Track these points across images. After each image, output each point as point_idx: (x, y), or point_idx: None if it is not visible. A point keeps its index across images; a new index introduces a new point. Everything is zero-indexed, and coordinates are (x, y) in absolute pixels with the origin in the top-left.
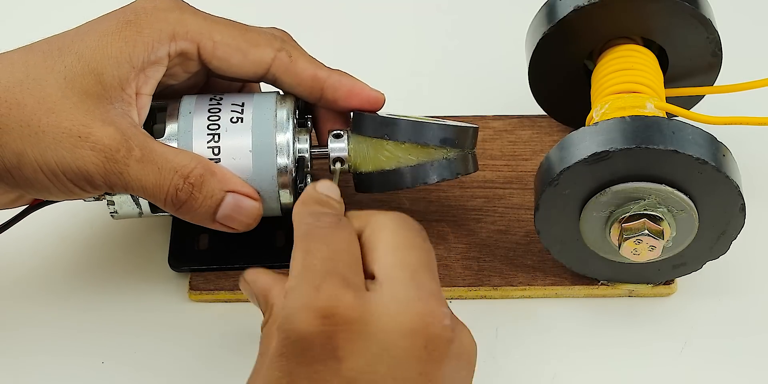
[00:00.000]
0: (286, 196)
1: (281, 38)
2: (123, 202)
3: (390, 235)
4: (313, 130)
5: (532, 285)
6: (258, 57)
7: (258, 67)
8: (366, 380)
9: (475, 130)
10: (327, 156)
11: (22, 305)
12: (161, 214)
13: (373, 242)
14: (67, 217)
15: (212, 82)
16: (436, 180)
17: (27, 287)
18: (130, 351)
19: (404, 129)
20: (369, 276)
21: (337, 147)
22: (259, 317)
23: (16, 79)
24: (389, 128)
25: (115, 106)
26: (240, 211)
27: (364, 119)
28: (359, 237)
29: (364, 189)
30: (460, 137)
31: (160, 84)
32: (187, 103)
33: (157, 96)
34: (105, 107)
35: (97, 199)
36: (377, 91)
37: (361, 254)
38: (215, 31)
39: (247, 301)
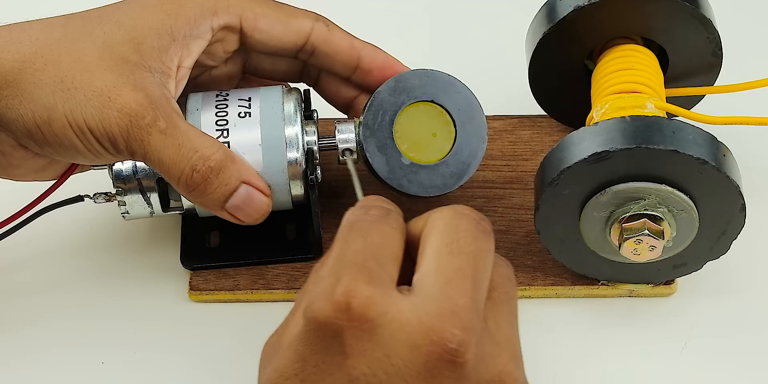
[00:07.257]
0: (297, 189)
1: (316, 13)
2: (134, 202)
3: (437, 237)
4: (318, 123)
5: (532, 285)
6: (298, 26)
7: (298, 36)
8: (365, 382)
9: None
10: (335, 147)
11: (21, 306)
12: (172, 212)
13: (423, 245)
14: (68, 221)
15: (248, 78)
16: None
17: (27, 288)
18: (130, 351)
19: None
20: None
21: (345, 138)
22: (259, 318)
23: (54, 37)
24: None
25: (153, 74)
26: (250, 204)
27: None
28: (420, 238)
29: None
30: None
31: (198, 67)
32: (194, 100)
33: (194, 85)
34: (142, 74)
35: (108, 200)
36: (407, 67)
37: (416, 256)
38: (255, 4)
39: (247, 301)
